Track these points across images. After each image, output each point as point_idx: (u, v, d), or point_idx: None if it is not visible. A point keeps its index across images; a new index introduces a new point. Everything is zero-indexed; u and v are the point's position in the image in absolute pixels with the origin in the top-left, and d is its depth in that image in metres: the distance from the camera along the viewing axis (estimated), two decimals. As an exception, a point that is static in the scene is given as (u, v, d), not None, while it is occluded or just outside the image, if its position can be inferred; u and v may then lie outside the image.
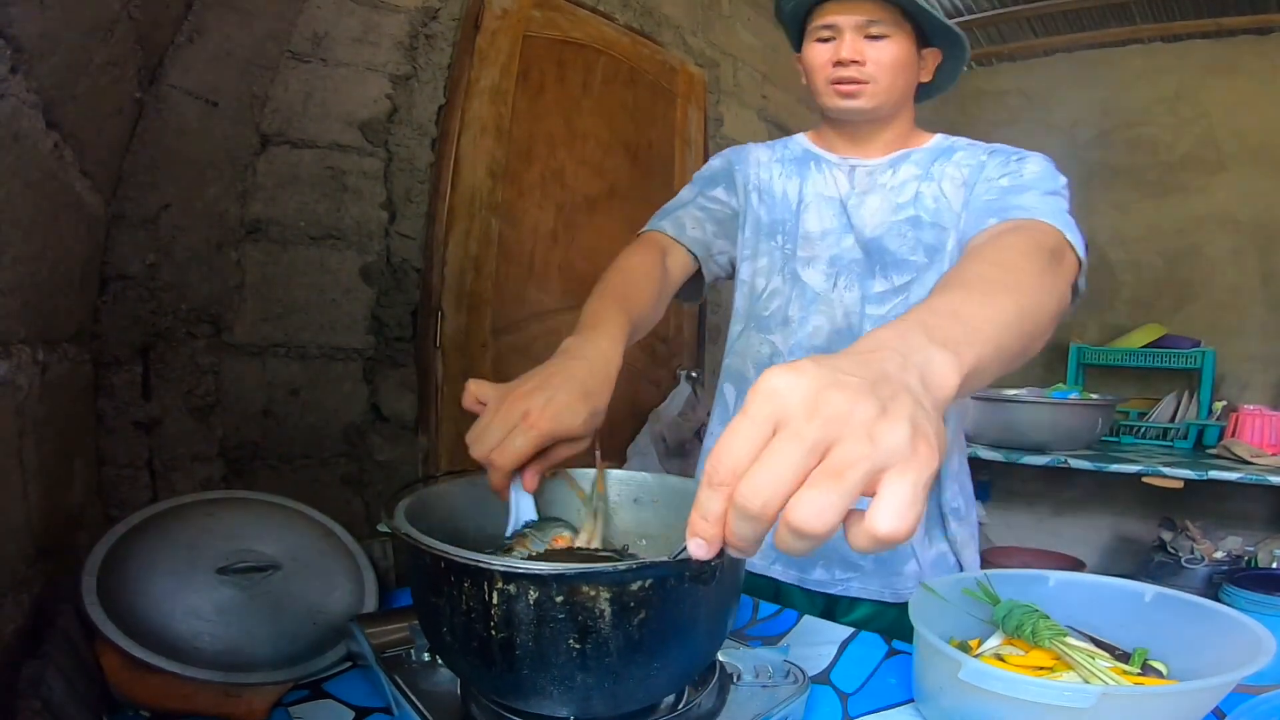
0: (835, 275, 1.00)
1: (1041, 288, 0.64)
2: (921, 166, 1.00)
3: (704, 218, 1.03)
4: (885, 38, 0.94)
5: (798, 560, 1.00)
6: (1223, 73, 3.01)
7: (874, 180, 1.01)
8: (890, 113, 0.99)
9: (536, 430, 0.61)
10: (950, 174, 0.98)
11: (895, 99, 0.98)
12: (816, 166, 1.04)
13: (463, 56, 1.76)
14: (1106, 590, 0.75)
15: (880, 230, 0.99)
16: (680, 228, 1.01)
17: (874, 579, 0.99)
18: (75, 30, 0.76)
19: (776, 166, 1.07)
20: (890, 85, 0.96)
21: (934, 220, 0.97)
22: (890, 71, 0.95)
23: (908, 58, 0.96)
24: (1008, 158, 0.94)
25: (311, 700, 0.65)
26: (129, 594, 0.66)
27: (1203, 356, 2.84)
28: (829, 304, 1.00)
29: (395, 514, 0.55)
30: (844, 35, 0.94)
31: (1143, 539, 2.90)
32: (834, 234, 1.01)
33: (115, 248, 1.27)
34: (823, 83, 0.97)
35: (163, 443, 1.34)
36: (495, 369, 1.83)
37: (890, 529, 0.33)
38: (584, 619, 0.47)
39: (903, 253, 0.98)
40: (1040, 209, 0.80)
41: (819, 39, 0.96)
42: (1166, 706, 0.57)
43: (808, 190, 1.03)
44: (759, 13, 2.80)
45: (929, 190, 0.99)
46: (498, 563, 0.46)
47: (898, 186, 1.00)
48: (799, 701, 0.60)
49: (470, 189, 1.78)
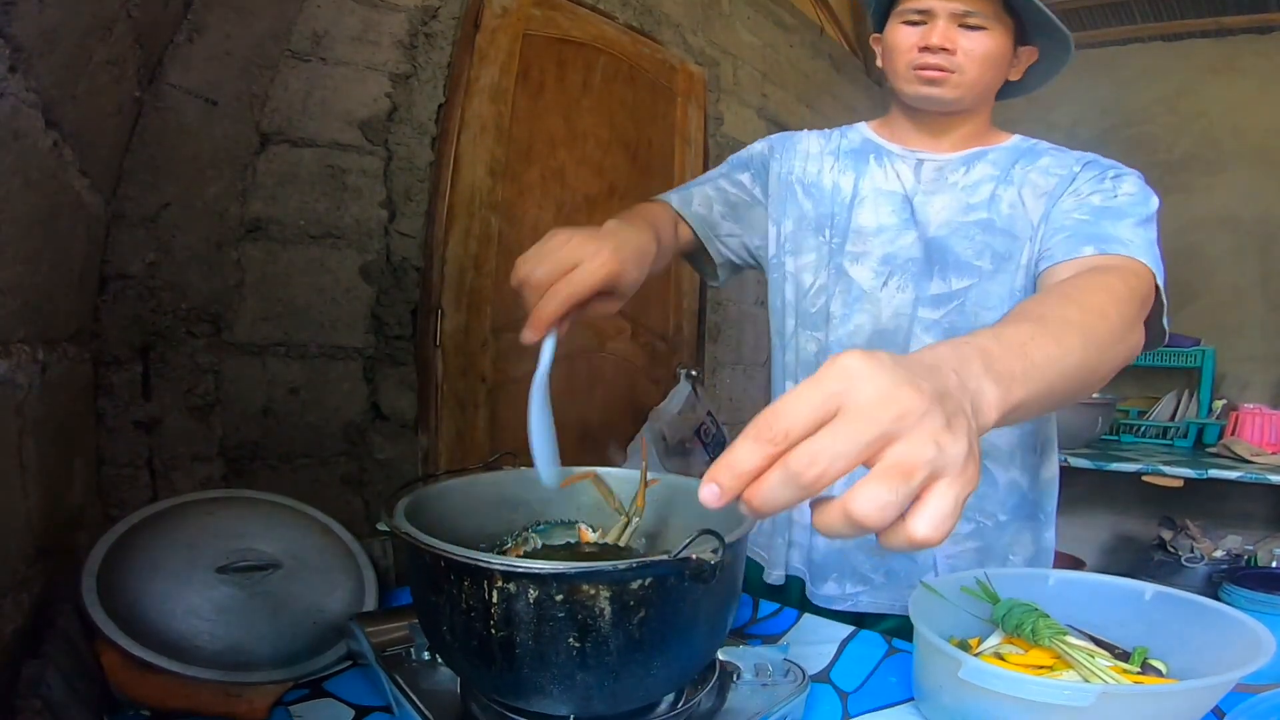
0: (888, 274, 0.95)
1: (1119, 341, 0.63)
2: (999, 167, 0.94)
3: (715, 197, 1.00)
4: (982, 29, 0.88)
5: (810, 574, 0.98)
6: (1223, 72, 3.01)
7: (943, 176, 0.96)
8: (970, 106, 0.94)
9: (590, 279, 0.62)
10: (1034, 181, 0.92)
11: (979, 93, 0.92)
12: (877, 159, 0.98)
13: (462, 55, 1.76)
14: (1106, 589, 0.75)
15: (946, 230, 0.93)
16: (686, 202, 0.98)
17: (884, 593, 0.96)
18: (74, 29, 0.76)
19: (829, 159, 1.01)
20: (977, 79, 0.90)
21: (1006, 227, 0.91)
22: (980, 64, 0.89)
23: (1001, 53, 0.90)
24: (1103, 173, 0.88)
25: (311, 699, 0.65)
26: (129, 593, 0.66)
27: (1203, 355, 2.84)
28: (875, 303, 0.95)
29: (395, 513, 0.55)
30: (937, 21, 0.88)
31: (1142, 538, 2.90)
32: (891, 230, 0.95)
33: (115, 247, 1.26)
34: (904, 66, 0.91)
35: (163, 442, 1.34)
36: (495, 367, 1.83)
37: (927, 535, 0.33)
38: (584, 617, 0.47)
39: (967, 256, 0.92)
40: (1137, 244, 0.76)
41: (908, 21, 0.90)
42: (1166, 705, 0.57)
43: (864, 184, 0.98)
44: (759, 11, 2.80)
45: (1006, 195, 0.92)
46: (497, 561, 0.46)
47: (971, 186, 0.94)
48: (799, 700, 0.60)
49: (470, 188, 1.78)
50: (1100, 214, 0.82)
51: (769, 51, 2.84)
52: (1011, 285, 0.91)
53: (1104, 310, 0.63)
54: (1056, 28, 0.90)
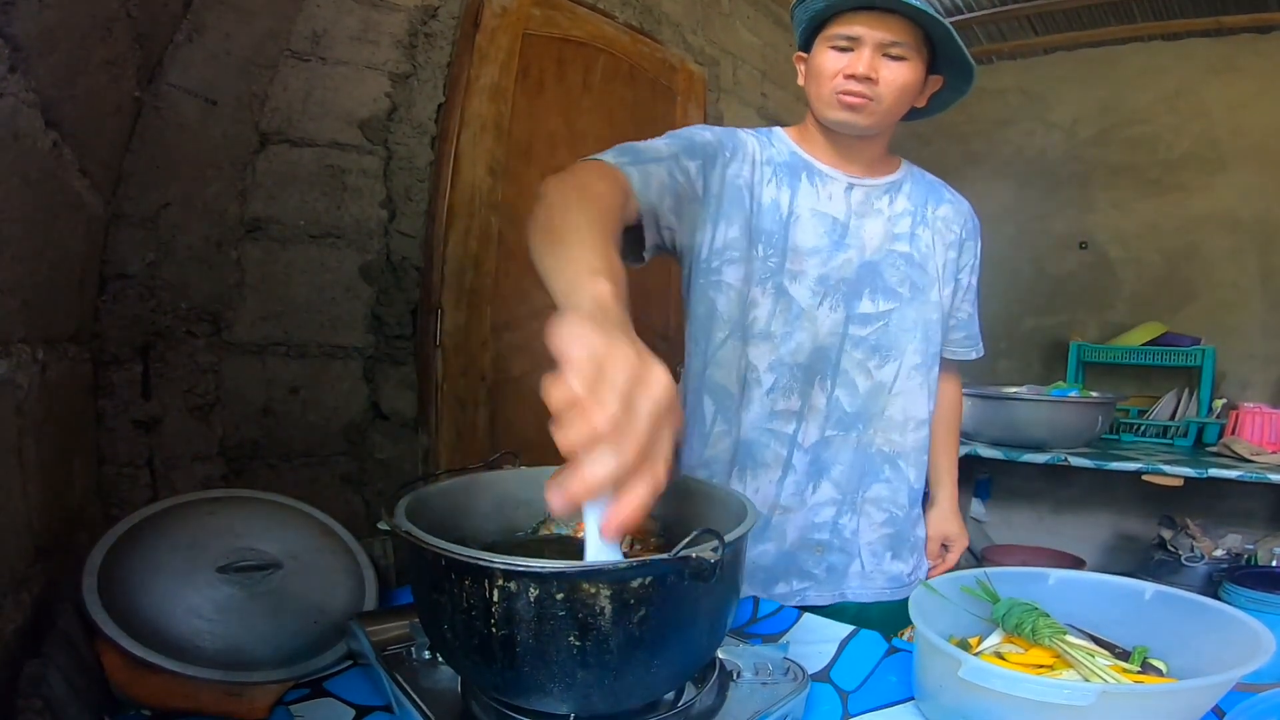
0: (823, 293, 0.99)
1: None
2: (914, 203, 1.05)
3: (669, 185, 0.90)
4: (903, 60, 0.92)
5: (761, 579, 1.03)
6: (1223, 71, 3.01)
7: (870, 202, 1.02)
8: (880, 132, 0.99)
9: (662, 468, 0.45)
10: (940, 230, 1.06)
11: (891, 120, 0.97)
12: (809, 178, 1.01)
13: (462, 55, 1.76)
14: (1106, 588, 0.75)
15: (878, 256, 1.02)
16: (646, 184, 0.87)
17: (826, 586, 1.05)
18: (74, 29, 0.76)
19: (766, 169, 1.00)
20: (892, 106, 0.94)
21: (922, 263, 1.04)
22: (898, 93, 0.93)
23: (917, 82, 0.94)
24: (976, 245, 1.10)
25: (312, 699, 0.65)
26: (129, 593, 0.66)
27: (1203, 354, 2.84)
28: (813, 320, 0.99)
29: (395, 512, 0.55)
30: (864, 49, 0.91)
31: (1143, 537, 2.90)
32: (825, 251, 0.99)
33: (115, 247, 1.26)
34: (828, 91, 0.94)
35: (163, 442, 1.34)
36: (495, 366, 1.83)
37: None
38: (584, 616, 0.47)
39: (893, 282, 1.02)
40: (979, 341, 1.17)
41: (835, 46, 0.93)
42: (1166, 704, 0.57)
43: (799, 203, 0.99)
44: (758, 11, 2.80)
45: (924, 235, 1.04)
46: (499, 560, 0.46)
47: (894, 217, 1.03)
48: (799, 699, 0.60)
49: (470, 187, 1.78)
50: (973, 317, 1.14)
51: (769, 51, 2.84)
52: (924, 315, 1.04)
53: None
54: (966, 61, 0.96)
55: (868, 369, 1.02)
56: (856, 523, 1.05)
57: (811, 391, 1.01)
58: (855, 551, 1.06)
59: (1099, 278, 3.26)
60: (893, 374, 1.03)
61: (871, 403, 1.03)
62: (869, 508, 1.06)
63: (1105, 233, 3.24)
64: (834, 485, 1.03)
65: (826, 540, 1.04)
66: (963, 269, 1.10)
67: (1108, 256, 3.25)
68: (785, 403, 1.00)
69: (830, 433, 1.02)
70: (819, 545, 1.04)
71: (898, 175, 1.06)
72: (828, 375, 1.01)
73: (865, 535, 1.06)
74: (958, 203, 1.09)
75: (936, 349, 1.06)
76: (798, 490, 1.02)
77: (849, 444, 1.03)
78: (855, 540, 1.05)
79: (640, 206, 0.86)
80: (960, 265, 1.09)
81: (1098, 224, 3.26)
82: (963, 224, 1.08)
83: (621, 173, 0.85)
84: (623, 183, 0.84)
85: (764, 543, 1.03)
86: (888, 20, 0.90)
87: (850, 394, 1.02)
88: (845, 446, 1.03)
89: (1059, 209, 3.33)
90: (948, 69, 0.99)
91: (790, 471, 1.02)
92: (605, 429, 0.41)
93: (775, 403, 1.00)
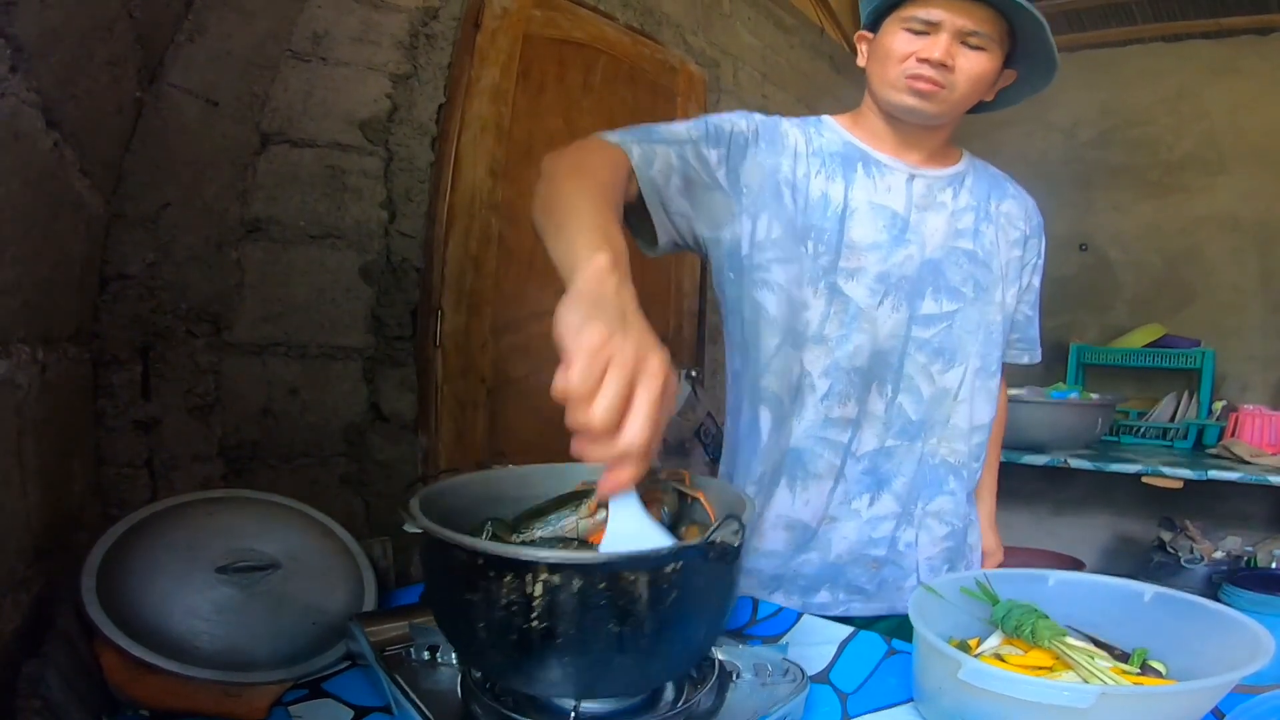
0: (883, 292, 0.92)
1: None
2: (976, 197, 0.98)
3: (678, 168, 0.87)
4: (982, 50, 0.86)
5: (801, 586, 0.98)
6: (1224, 73, 3.01)
7: (933, 195, 0.95)
8: (947, 122, 0.94)
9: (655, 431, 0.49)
10: (1004, 228, 1.00)
11: (960, 110, 0.92)
12: (865, 168, 0.94)
13: (463, 56, 1.76)
14: (1106, 590, 0.75)
15: (941, 253, 0.95)
16: (647, 162, 0.84)
17: (876, 601, 0.99)
18: (75, 29, 0.76)
19: (814, 160, 0.93)
20: (964, 97, 0.89)
21: (986, 261, 0.97)
22: (972, 84, 0.88)
23: (993, 75, 0.89)
24: (1040, 243, 1.06)
25: (311, 699, 0.65)
26: (128, 593, 0.66)
27: (1203, 356, 2.84)
28: (872, 322, 0.93)
29: (415, 513, 0.55)
30: (941, 34, 0.85)
31: (1142, 539, 2.90)
32: (885, 246, 0.92)
33: (115, 247, 1.26)
34: (895, 74, 0.88)
35: (162, 442, 1.34)
36: (495, 368, 1.83)
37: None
38: (624, 603, 0.49)
39: (955, 281, 0.96)
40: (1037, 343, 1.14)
41: (910, 29, 0.86)
42: (1165, 706, 0.57)
43: (855, 195, 0.92)
44: (759, 13, 2.80)
45: (988, 231, 0.98)
46: (544, 554, 0.49)
47: (958, 212, 0.96)
48: (798, 700, 0.60)
49: (470, 188, 1.78)
50: (1031, 319, 1.11)
51: (769, 52, 2.84)
52: (987, 316, 0.97)
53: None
54: (1051, 57, 0.90)
55: (931, 374, 0.96)
56: (915, 536, 0.99)
57: (869, 398, 0.95)
58: (912, 567, 0.99)
59: (1099, 280, 3.26)
60: (957, 379, 0.97)
61: (935, 410, 0.97)
62: (930, 521, 0.99)
63: (1105, 235, 3.24)
64: (895, 498, 0.97)
65: (883, 556, 0.98)
66: (1025, 267, 1.04)
67: (1108, 258, 3.25)
68: (841, 410, 0.94)
69: (891, 442, 0.96)
70: (875, 561, 0.98)
71: (960, 167, 0.99)
72: (888, 380, 0.95)
73: (925, 550, 0.99)
74: (1021, 198, 1.04)
75: (999, 353, 1.01)
76: (846, 499, 0.97)
77: (913, 454, 0.97)
78: (913, 554, 0.99)
79: (641, 184, 0.84)
80: (1024, 264, 1.03)
81: (1098, 225, 3.26)
82: (1026, 220, 1.02)
83: (622, 149, 0.83)
84: (621, 159, 0.83)
85: (807, 552, 0.97)
86: (971, 8, 0.84)
87: (915, 400, 0.96)
88: (909, 457, 0.97)
89: (1059, 211, 3.31)
90: (1025, 63, 0.92)
91: (841, 481, 0.96)
92: (602, 419, 0.46)
93: (830, 410, 0.93)
